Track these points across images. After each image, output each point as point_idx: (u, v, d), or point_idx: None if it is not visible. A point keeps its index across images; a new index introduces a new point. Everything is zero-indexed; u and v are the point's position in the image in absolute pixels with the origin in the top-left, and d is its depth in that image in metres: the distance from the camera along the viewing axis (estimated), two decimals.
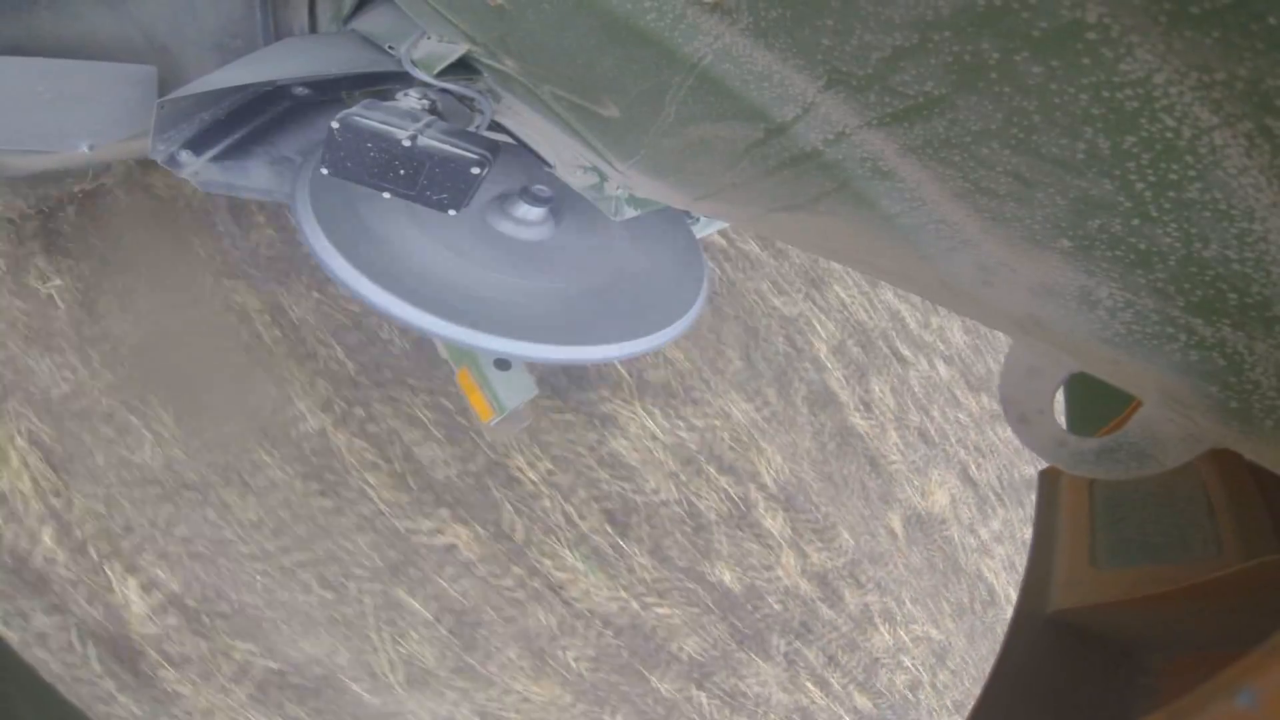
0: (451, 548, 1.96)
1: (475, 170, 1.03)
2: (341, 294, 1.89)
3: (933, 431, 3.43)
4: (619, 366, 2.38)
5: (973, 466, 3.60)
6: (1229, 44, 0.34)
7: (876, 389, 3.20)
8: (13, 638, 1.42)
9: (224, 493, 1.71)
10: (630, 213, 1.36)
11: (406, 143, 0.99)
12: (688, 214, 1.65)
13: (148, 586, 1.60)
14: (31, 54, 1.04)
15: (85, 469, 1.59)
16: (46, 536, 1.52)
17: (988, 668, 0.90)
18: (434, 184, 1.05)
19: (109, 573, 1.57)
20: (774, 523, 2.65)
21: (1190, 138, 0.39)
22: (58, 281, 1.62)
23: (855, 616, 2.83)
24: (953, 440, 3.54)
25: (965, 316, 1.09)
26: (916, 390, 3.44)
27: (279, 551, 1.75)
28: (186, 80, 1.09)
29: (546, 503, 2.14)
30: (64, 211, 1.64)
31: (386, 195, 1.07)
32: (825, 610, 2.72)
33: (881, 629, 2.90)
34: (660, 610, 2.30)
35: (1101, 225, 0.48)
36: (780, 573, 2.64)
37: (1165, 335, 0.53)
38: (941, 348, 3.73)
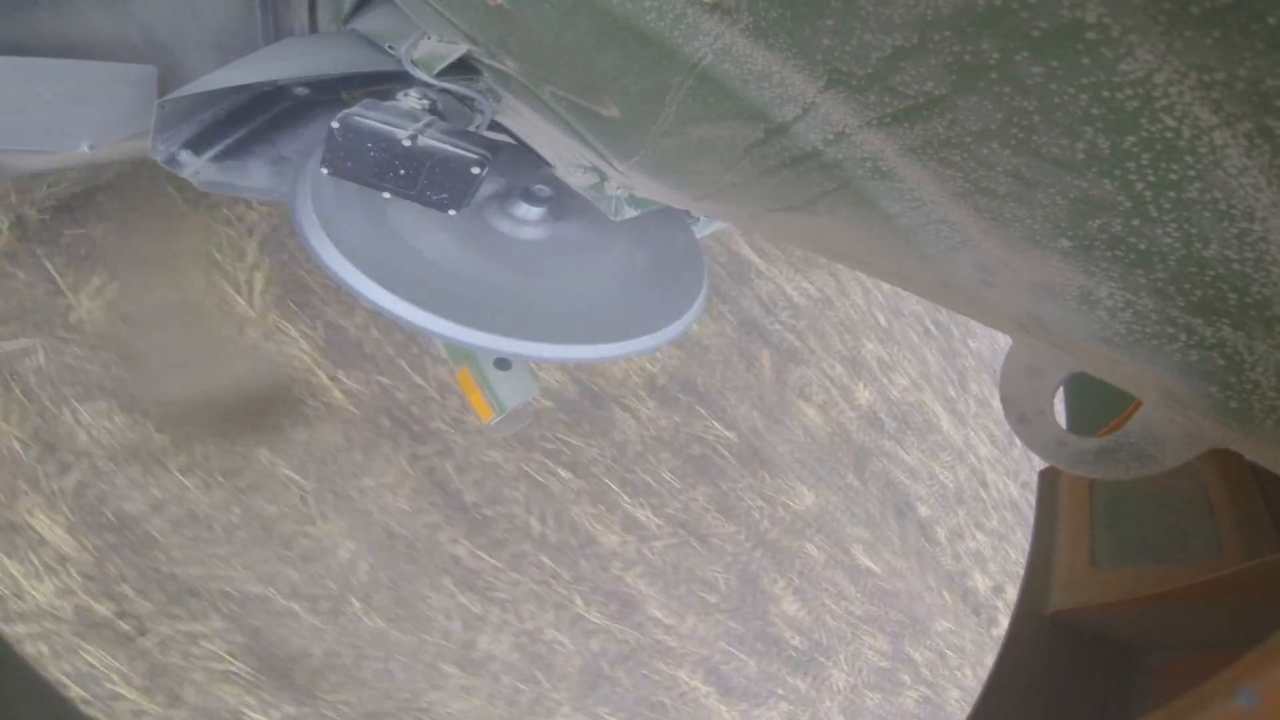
0: None
1: (475, 170, 1.03)
2: None
3: None
4: None
5: None
6: (1229, 44, 0.34)
7: None
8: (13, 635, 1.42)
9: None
10: (630, 213, 1.36)
11: (406, 143, 0.99)
12: (687, 214, 1.65)
13: None
14: (31, 54, 1.04)
15: None
16: None
17: None
18: (434, 184, 1.05)
19: None
20: None
21: (1190, 138, 0.39)
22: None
23: None
24: None
25: (965, 316, 1.09)
26: None
27: None
28: (186, 80, 1.09)
29: None
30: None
31: (386, 195, 1.07)
32: None
33: None
34: None
35: (1101, 225, 0.48)
36: None
37: (1165, 335, 0.53)
38: None
